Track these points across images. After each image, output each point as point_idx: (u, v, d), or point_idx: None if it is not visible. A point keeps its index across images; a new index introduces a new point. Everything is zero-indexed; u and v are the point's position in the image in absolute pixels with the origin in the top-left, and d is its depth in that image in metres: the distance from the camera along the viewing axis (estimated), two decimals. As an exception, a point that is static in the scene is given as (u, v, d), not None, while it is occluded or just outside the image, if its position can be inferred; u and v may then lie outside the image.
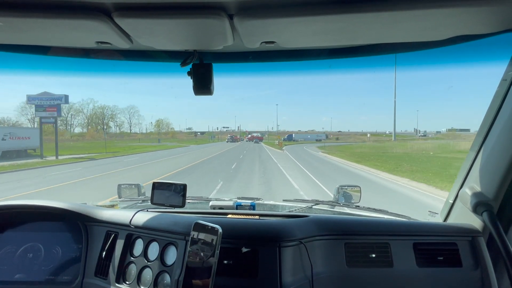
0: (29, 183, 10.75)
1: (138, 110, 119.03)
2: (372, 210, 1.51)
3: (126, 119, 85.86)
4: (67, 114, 70.03)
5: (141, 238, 1.19)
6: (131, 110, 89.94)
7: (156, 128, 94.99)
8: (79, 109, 72.78)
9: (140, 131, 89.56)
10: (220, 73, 1.18)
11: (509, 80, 1.00)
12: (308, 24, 0.77)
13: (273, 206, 1.69)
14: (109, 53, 1.14)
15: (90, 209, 1.31)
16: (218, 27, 0.77)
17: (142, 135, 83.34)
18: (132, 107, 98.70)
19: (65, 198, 7.89)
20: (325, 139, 76.29)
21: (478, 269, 1.08)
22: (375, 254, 1.10)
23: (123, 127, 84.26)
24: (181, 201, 1.15)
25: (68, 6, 0.70)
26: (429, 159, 19.79)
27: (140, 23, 0.76)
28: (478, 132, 1.14)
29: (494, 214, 1.04)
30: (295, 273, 1.02)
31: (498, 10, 0.71)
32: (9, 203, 1.30)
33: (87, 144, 34.44)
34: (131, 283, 1.13)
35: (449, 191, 1.30)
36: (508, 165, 1.00)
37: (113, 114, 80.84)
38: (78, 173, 13.51)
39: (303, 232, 1.08)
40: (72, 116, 72.50)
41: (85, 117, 74.49)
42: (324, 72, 1.36)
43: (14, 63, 1.20)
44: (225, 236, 0.87)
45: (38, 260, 1.24)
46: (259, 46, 0.93)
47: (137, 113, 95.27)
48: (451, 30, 0.84)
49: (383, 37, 0.89)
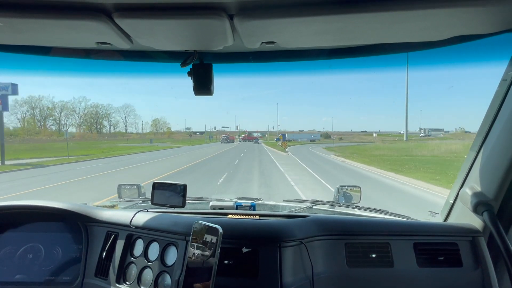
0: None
1: (134, 109, 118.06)
2: (372, 210, 1.51)
3: (122, 118, 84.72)
4: (60, 114, 70.36)
5: (141, 239, 1.19)
6: (127, 109, 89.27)
7: (153, 128, 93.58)
8: (71, 108, 72.02)
9: (136, 131, 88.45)
10: (220, 73, 1.18)
11: (509, 80, 1.00)
12: (308, 24, 0.76)
13: (273, 206, 1.69)
14: (109, 53, 1.14)
15: (90, 210, 1.31)
16: (218, 27, 0.77)
17: (137, 135, 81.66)
18: (127, 106, 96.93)
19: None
20: (319, 139, 74.01)
21: (479, 269, 1.08)
22: (376, 254, 1.10)
23: (118, 126, 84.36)
24: (181, 201, 1.15)
25: (68, 6, 0.70)
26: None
27: (140, 24, 0.76)
28: (478, 132, 1.14)
29: (494, 214, 1.04)
30: (295, 273, 1.02)
31: (498, 10, 0.71)
32: (9, 204, 1.30)
33: (64, 145, 28.64)
34: (131, 283, 1.13)
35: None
36: (508, 165, 1.00)
37: (107, 113, 79.46)
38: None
39: (303, 232, 1.08)
40: (66, 115, 72.03)
41: (77, 116, 73.85)
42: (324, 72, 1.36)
43: (14, 63, 1.20)
44: (226, 236, 0.87)
45: (38, 261, 1.24)
46: (259, 46, 0.93)
47: (133, 112, 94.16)
48: (451, 30, 0.84)
49: (383, 37, 0.89)
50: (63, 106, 69.90)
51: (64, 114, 71.00)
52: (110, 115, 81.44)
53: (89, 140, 49.51)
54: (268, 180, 11.10)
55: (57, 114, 69.64)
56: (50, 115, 68.73)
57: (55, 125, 69.55)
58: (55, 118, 69.39)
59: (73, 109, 72.46)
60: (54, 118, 69.51)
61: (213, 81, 1.11)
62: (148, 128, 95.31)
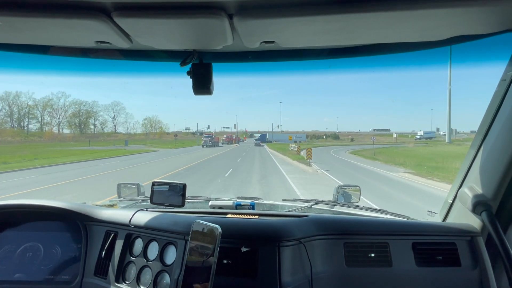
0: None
1: (125, 107, 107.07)
2: (371, 210, 1.52)
3: (110, 117, 76.69)
4: (42, 112, 63.09)
5: (140, 238, 1.19)
6: (116, 107, 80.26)
7: (144, 128, 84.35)
8: (50, 105, 63.52)
9: (128, 131, 79.94)
10: (220, 73, 1.18)
11: (508, 80, 1.00)
12: (308, 24, 0.76)
13: (273, 205, 1.69)
14: (109, 52, 1.14)
15: (90, 209, 1.31)
16: (217, 26, 0.77)
17: (125, 136, 71.53)
18: (117, 104, 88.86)
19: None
20: (305, 140, 63.43)
21: (477, 268, 1.09)
22: (374, 254, 1.11)
23: (106, 126, 74.89)
24: (181, 200, 1.15)
25: (68, 5, 0.70)
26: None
27: (140, 23, 0.75)
28: (477, 132, 1.14)
29: (492, 214, 1.04)
30: (294, 272, 1.02)
31: (498, 10, 0.71)
32: (8, 203, 1.30)
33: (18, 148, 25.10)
34: (130, 282, 1.13)
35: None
36: (507, 165, 1.00)
37: (91, 111, 70.96)
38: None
39: (302, 231, 1.09)
40: (50, 114, 64.49)
41: (55, 114, 65.62)
42: (324, 72, 1.36)
43: (13, 63, 1.20)
44: (225, 235, 0.87)
45: (38, 260, 1.24)
46: (259, 46, 0.93)
47: (123, 111, 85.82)
48: (451, 30, 0.84)
49: (383, 37, 0.89)
50: (46, 103, 63.36)
51: (48, 112, 64.10)
52: (97, 113, 73.30)
53: (56, 141, 44.03)
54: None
55: (39, 113, 63.12)
56: (30, 113, 61.18)
57: (36, 125, 62.85)
58: (35, 116, 62.69)
59: (51, 106, 64.66)
60: (34, 117, 62.71)
61: (213, 81, 1.10)
62: (139, 128, 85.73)
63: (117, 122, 78.30)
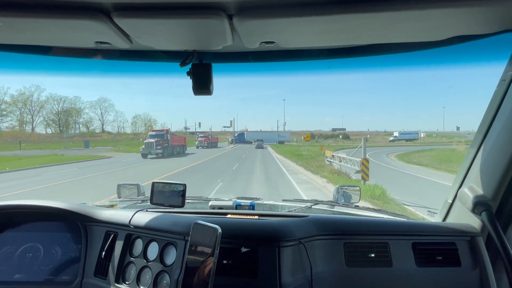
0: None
1: (113, 104, 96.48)
2: (371, 210, 1.52)
3: (97, 115, 67.40)
4: (24, 108, 55.06)
5: (140, 238, 1.19)
6: (103, 104, 70.49)
7: (133, 127, 73.67)
8: (22, 101, 54.67)
9: (118, 130, 70.46)
10: (220, 73, 1.18)
11: (508, 80, 1.00)
12: (308, 24, 0.76)
13: (273, 206, 1.69)
14: (109, 53, 1.14)
15: (90, 209, 1.31)
16: (217, 27, 0.77)
17: (109, 135, 63.96)
18: (104, 100, 75.70)
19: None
20: (288, 141, 59.04)
21: (477, 268, 1.09)
22: (374, 254, 1.11)
23: (92, 125, 66.03)
24: (181, 201, 1.15)
25: (67, 6, 0.70)
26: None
27: (139, 23, 0.75)
28: (477, 132, 1.14)
29: (492, 214, 1.04)
30: (294, 273, 1.02)
31: (498, 10, 0.71)
32: (8, 203, 1.30)
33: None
34: (130, 283, 1.13)
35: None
36: (507, 165, 1.00)
37: (74, 108, 62.54)
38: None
39: (302, 232, 1.08)
40: (33, 112, 56.64)
41: (29, 112, 57.02)
42: (324, 72, 1.36)
43: (13, 63, 1.20)
44: (225, 236, 0.87)
45: (38, 260, 1.24)
46: (259, 46, 0.93)
47: (111, 108, 76.50)
48: (451, 30, 0.84)
49: (383, 37, 0.89)
50: (25, 99, 54.99)
51: (29, 109, 55.78)
52: (82, 110, 64.66)
53: (17, 143, 34.70)
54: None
55: (17, 110, 54.74)
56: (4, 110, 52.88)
57: (15, 123, 54.77)
58: (12, 111, 54.05)
59: (23, 102, 55.71)
60: (9, 111, 53.93)
61: (213, 81, 1.10)
62: (128, 127, 74.64)
63: (105, 121, 69.71)
